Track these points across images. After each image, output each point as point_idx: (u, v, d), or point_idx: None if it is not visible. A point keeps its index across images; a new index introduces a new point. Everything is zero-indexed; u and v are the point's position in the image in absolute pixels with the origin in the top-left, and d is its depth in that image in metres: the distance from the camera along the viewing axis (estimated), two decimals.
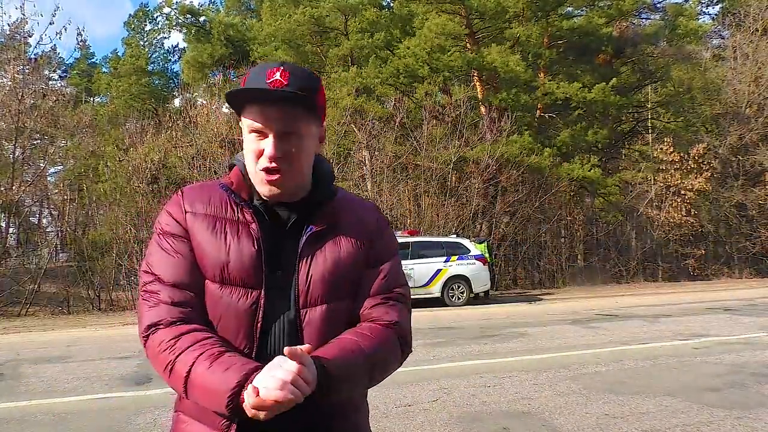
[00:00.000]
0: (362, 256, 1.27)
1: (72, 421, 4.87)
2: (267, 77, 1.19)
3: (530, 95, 20.24)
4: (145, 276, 1.24)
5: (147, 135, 18.96)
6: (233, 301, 1.18)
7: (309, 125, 1.24)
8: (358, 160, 19.70)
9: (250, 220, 1.23)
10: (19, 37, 18.44)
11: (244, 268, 1.19)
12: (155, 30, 35.76)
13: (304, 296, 1.20)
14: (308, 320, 1.20)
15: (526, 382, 5.77)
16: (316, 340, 1.18)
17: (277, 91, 1.17)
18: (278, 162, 1.19)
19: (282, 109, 1.19)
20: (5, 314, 14.51)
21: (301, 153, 1.23)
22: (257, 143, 1.21)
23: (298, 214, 1.26)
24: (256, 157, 1.22)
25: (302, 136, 1.22)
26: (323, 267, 1.22)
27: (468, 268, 14.06)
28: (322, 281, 1.21)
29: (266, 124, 1.19)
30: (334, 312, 1.22)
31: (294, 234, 1.24)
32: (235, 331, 1.18)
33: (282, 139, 1.19)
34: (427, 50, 19.47)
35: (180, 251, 1.22)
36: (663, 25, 22.33)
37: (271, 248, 1.22)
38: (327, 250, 1.24)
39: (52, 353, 8.37)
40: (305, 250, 1.23)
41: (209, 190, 1.29)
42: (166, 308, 1.18)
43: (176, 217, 1.26)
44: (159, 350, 1.14)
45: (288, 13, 22.64)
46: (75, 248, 18.86)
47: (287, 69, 1.20)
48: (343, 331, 1.23)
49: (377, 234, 1.32)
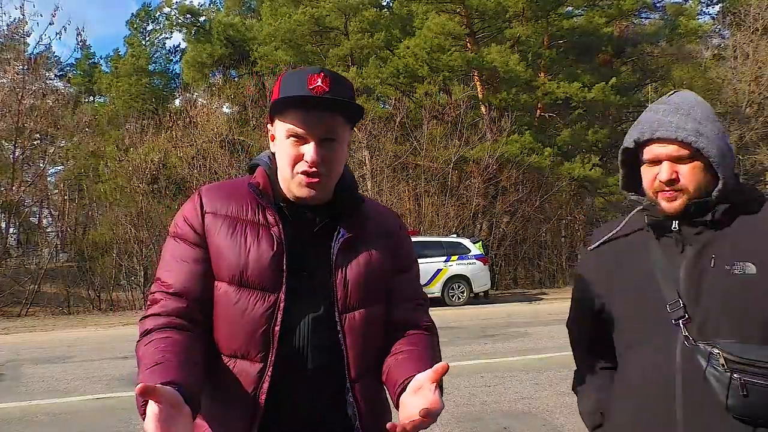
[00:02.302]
0: (389, 262, 1.30)
1: (72, 421, 4.88)
2: (309, 83, 1.18)
3: (530, 95, 20.23)
4: (155, 280, 1.25)
5: (147, 135, 18.96)
6: (249, 304, 1.18)
7: (345, 131, 1.26)
8: (359, 159, 19.71)
9: (272, 222, 1.22)
10: (19, 38, 18.45)
11: (263, 271, 1.18)
12: (157, 30, 35.75)
13: (342, 301, 1.22)
14: (349, 325, 1.21)
15: (527, 381, 5.77)
16: (359, 345, 1.21)
17: (329, 98, 1.18)
18: (318, 167, 1.20)
19: (325, 116, 1.20)
20: (6, 314, 14.52)
21: (339, 158, 1.25)
22: (296, 148, 1.21)
23: (324, 216, 1.26)
24: (293, 162, 1.21)
25: (340, 142, 1.24)
26: (358, 272, 1.24)
27: (468, 268, 14.06)
28: (358, 286, 1.23)
29: (309, 131, 1.19)
30: (373, 316, 1.25)
31: (323, 237, 1.25)
32: (250, 334, 1.17)
33: (322, 145, 1.20)
34: (427, 50, 19.46)
35: (187, 257, 1.22)
36: (663, 25, 22.32)
37: (296, 249, 1.22)
38: (360, 255, 1.26)
39: (52, 353, 8.37)
40: (339, 256, 1.23)
41: (229, 190, 1.29)
42: (159, 318, 1.18)
43: (191, 219, 1.24)
44: (137, 357, 1.14)
45: (288, 13, 22.61)
46: (75, 248, 18.91)
47: (328, 75, 1.20)
48: (380, 333, 1.27)
49: (400, 240, 1.36)
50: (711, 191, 1.23)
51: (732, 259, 1.20)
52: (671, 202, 1.25)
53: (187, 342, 1.14)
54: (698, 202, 1.23)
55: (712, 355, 1.16)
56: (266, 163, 1.30)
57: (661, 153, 1.25)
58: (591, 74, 21.17)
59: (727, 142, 1.26)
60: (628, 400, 1.33)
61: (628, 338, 1.35)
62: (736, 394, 1.14)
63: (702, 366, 1.17)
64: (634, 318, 1.32)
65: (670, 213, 1.26)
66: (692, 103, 1.30)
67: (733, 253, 1.21)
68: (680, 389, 1.21)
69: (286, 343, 1.17)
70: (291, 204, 1.26)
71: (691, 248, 1.25)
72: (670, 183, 1.24)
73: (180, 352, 1.10)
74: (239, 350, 1.18)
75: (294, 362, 1.18)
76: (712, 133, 1.23)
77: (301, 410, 1.18)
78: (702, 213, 1.24)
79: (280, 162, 1.25)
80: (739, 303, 1.18)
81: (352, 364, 1.20)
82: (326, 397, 1.19)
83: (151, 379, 1.01)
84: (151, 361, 1.07)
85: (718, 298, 1.20)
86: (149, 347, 1.12)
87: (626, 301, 1.34)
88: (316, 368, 1.18)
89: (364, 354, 1.22)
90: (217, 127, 18.96)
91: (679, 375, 1.21)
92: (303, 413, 1.18)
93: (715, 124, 1.25)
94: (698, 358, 1.18)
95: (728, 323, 1.18)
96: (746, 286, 1.18)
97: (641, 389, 1.29)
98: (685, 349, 1.21)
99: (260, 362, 1.16)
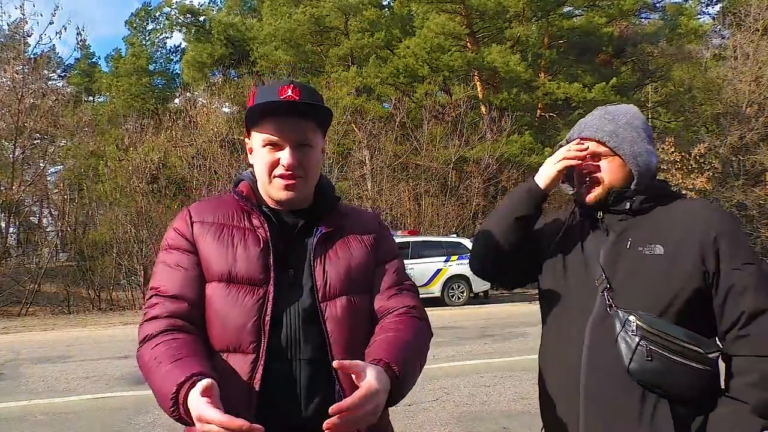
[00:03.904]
0: (371, 254, 1.35)
1: (72, 420, 4.88)
2: (279, 94, 1.27)
3: (530, 95, 20.24)
4: (150, 289, 1.29)
5: (147, 135, 18.96)
6: (240, 298, 1.23)
7: (318, 138, 1.33)
8: (359, 159, 19.71)
9: (258, 225, 1.29)
10: (19, 37, 18.45)
11: (251, 266, 1.24)
12: (157, 30, 35.75)
13: (322, 291, 1.26)
14: (329, 313, 1.25)
15: (526, 381, 5.77)
16: (339, 332, 1.24)
17: (299, 101, 1.26)
18: (295, 170, 1.27)
19: (297, 122, 1.28)
20: (6, 314, 14.51)
21: (314, 163, 1.32)
22: (272, 155, 1.28)
23: (306, 219, 1.33)
24: (270, 168, 1.29)
25: (314, 146, 1.31)
26: (337, 262, 1.29)
27: (468, 268, 14.03)
28: (337, 276, 1.27)
29: (283, 136, 1.27)
30: (354, 304, 1.28)
31: (303, 236, 1.32)
32: (242, 325, 1.21)
33: (297, 150, 1.28)
34: (428, 50, 19.47)
35: (181, 264, 1.27)
36: (663, 25, 22.34)
37: (281, 250, 1.27)
38: (338, 247, 1.32)
39: (52, 353, 8.37)
40: (318, 248, 1.29)
41: (215, 203, 1.36)
42: (159, 321, 1.21)
43: (181, 231, 1.31)
44: (145, 360, 1.18)
45: (288, 12, 22.61)
46: (75, 248, 18.89)
47: (297, 86, 1.28)
48: (365, 324, 1.29)
49: (380, 236, 1.41)
50: (629, 186, 1.43)
51: (645, 242, 1.37)
52: (590, 192, 1.45)
53: (194, 341, 1.19)
54: (616, 191, 1.42)
55: (628, 322, 1.31)
56: (249, 177, 1.39)
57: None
58: (591, 74, 21.19)
59: (645, 146, 1.45)
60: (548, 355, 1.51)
61: (553, 305, 1.50)
62: (640, 359, 1.28)
63: (615, 331, 1.32)
64: (563, 287, 1.48)
65: (590, 202, 1.45)
66: (622, 112, 1.50)
67: (646, 238, 1.38)
68: (586, 354, 1.35)
69: (276, 334, 1.21)
70: (274, 210, 1.32)
71: (613, 233, 1.43)
72: (587, 176, 1.45)
73: (194, 350, 1.16)
74: (231, 344, 1.21)
75: (285, 352, 1.21)
76: (630, 136, 1.43)
77: (294, 400, 1.21)
78: (619, 203, 1.42)
79: (258, 170, 1.32)
80: (647, 278, 1.34)
81: (336, 351, 1.22)
82: (318, 386, 1.22)
83: (178, 371, 1.07)
84: (171, 357, 1.12)
85: (630, 274, 1.36)
86: (159, 348, 1.16)
87: (555, 272, 1.51)
88: (308, 358, 1.22)
89: (348, 343, 1.24)
90: (217, 126, 18.94)
91: (588, 340, 1.36)
92: (296, 402, 1.21)
93: (637, 131, 1.45)
94: (615, 323, 1.33)
95: (639, 296, 1.33)
96: (654, 264, 1.34)
97: (556, 354, 1.46)
98: (598, 317, 1.36)
99: (252, 353, 1.20)
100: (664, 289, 1.32)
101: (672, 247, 1.34)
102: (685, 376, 1.27)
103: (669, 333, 1.28)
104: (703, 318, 1.33)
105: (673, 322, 1.30)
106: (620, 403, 1.31)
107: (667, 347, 1.27)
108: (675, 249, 1.33)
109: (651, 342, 1.28)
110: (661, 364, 1.27)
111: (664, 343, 1.27)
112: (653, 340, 1.28)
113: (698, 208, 1.41)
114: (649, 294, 1.33)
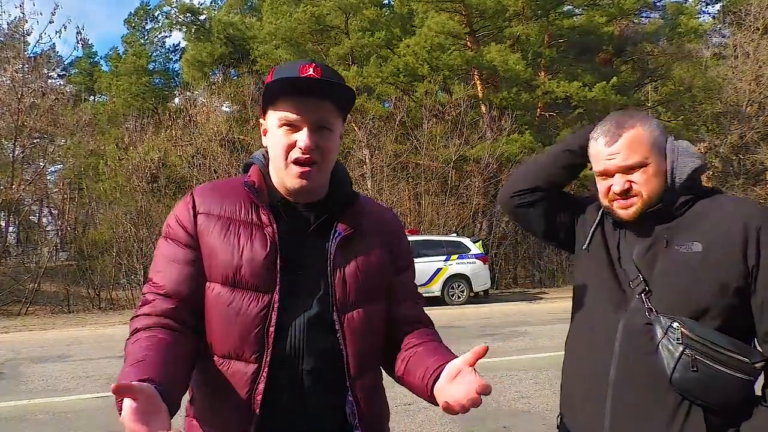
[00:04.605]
0: (388, 261, 1.29)
1: (72, 419, 4.87)
2: (300, 72, 1.18)
3: (531, 94, 20.21)
4: (148, 281, 1.24)
5: (147, 134, 18.96)
6: (243, 305, 1.16)
7: (338, 122, 1.25)
8: (359, 158, 19.70)
9: (266, 223, 1.20)
10: (19, 36, 18.44)
11: (257, 271, 1.17)
12: (156, 28, 35.74)
13: (341, 301, 1.20)
14: (348, 325, 1.20)
15: (527, 381, 5.77)
16: (358, 344, 1.20)
17: (322, 79, 1.18)
18: (312, 154, 1.19)
19: (317, 102, 1.19)
20: (5, 313, 14.51)
21: (332, 148, 1.23)
22: (288, 137, 1.19)
23: (319, 214, 1.25)
24: (286, 150, 1.20)
25: (333, 131, 1.23)
26: (356, 271, 1.22)
27: (468, 267, 14.05)
28: (357, 285, 1.22)
29: (301, 116, 1.18)
30: (372, 315, 1.23)
31: (317, 236, 1.23)
32: (244, 335, 1.16)
33: (316, 132, 1.19)
34: (428, 49, 19.44)
35: (178, 259, 1.21)
36: (663, 24, 22.30)
37: (291, 248, 1.20)
38: (357, 254, 1.24)
39: (52, 352, 8.37)
40: (337, 255, 1.22)
41: (223, 189, 1.27)
42: (147, 318, 1.17)
43: (183, 221, 1.23)
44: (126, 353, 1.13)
45: (288, 11, 22.60)
46: (75, 247, 18.90)
47: (319, 66, 1.20)
48: (380, 335, 1.27)
49: (397, 238, 1.35)
50: (662, 191, 1.34)
51: (682, 240, 1.31)
52: (627, 209, 1.35)
53: (173, 342, 1.13)
54: (652, 211, 1.33)
55: (671, 329, 1.24)
56: (260, 161, 1.30)
57: (609, 167, 1.37)
58: (591, 73, 21.16)
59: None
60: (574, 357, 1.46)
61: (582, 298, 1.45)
62: (684, 369, 1.21)
63: (656, 337, 1.25)
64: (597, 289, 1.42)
65: (626, 219, 1.36)
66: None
67: (683, 235, 1.32)
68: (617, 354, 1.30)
69: (281, 344, 1.15)
70: (286, 203, 1.24)
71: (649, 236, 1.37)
72: (624, 193, 1.35)
73: (163, 351, 1.09)
74: (233, 351, 1.16)
75: (289, 363, 1.16)
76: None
77: (298, 411, 1.16)
78: (656, 219, 1.34)
79: (273, 152, 1.23)
80: (685, 277, 1.27)
81: (351, 363, 1.18)
82: (323, 397, 1.17)
83: (129, 376, 1.00)
84: (134, 359, 1.06)
85: (668, 273, 1.30)
86: (135, 345, 1.11)
87: (587, 264, 1.46)
88: (312, 368, 1.17)
89: (364, 353, 1.21)
90: (217, 125, 18.96)
91: (620, 345, 1.31)
92: (299, 414, 1.16)
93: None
94: (656, 329, 1.26)
95: (678, 297, 1.27)
96: (692, 261, 1.27)
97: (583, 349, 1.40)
98: (632, 321, 1.30)
99: (255, 363, 1.15)
100: (702, 287, 1.26)
101: (710, 243, 1.27)
102: (729, 386, 1.21)
103: (714, 341, 1.22)
104: (743, 320, 1.27)
105: (713, 325, 1.24)
106: (650, 407, 1.26)
107: (713, 356, 1.21)
108: (714, 245, 1.27)
109: (695, 351, 1.21)
110: (705, 375, 1.21)
111: (709, 352, 1.21)
112: (698, 349, 1.21)
113: (738, 202, 1.35)
114: (688, 294, 1.27)
